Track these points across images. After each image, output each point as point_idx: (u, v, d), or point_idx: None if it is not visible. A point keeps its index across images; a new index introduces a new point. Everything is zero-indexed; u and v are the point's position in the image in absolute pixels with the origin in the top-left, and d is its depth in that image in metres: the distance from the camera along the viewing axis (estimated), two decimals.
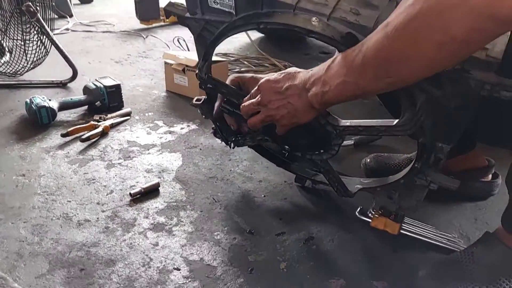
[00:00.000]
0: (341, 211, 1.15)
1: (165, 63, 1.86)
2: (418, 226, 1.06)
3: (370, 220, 1.02)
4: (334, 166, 1.08)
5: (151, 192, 1.19)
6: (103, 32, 2.77)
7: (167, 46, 2.46)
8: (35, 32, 1.82)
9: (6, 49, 1.97)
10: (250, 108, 0.91)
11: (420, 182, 0.91)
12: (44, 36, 1.81)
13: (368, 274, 0.95)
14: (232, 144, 1.13)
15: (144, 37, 2.68)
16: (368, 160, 1.33)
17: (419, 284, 0.89)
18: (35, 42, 1.83)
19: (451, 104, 0.78)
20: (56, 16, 2.89)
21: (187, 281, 0.91)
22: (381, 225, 1.00)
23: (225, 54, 2.22)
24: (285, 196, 1.21)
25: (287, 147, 1.04)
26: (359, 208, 1.10)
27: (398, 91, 0.79)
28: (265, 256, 0.99)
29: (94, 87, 1.63)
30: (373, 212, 1.03)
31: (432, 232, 1.06)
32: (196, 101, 1.14)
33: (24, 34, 1.82)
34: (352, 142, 1.49)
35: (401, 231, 1.01)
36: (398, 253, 1.00)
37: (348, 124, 0.92)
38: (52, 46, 1.85)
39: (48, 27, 1.79)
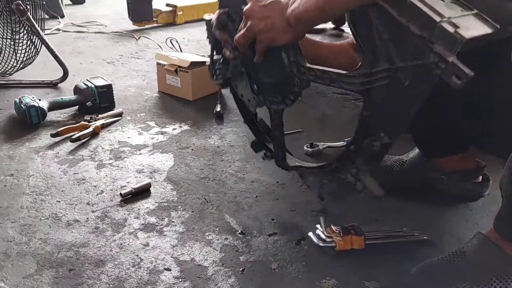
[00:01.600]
0: (334, 212, 1.14)
1: (158, 63, 1.85)
2: (378, 231, 1.05)
3: (332, 245, 1.00)
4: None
5: (142, 192, 1.17)
6: (95, 32, 2.75)
7: (160, 47, 2.45)
8: (25, 31, 1.80)
9: None
10: (241, 35, 0.90)
11: (347, 173, 0.87)
12: (34, 36, 1.79)
13: (359, 274, 0.95)
14: (217, 73, 1.07)
15: (137, 38, 2.67)
16: None
17: (410, 284, 0.89)
18: (25, 42, 1.82)
19: (406, 79, 0.72)
20: (47, 17, 2.87)
21: (178, 282, 0.90)
22: (347, 245, 1.00)
23: None
24: (277, 197, 1.21)
25: (255, 87, 1.02)
26: (313, 237, 1.04)
27: (364, 40, 0.76)
28: (256, 257, 0.99)
29: (85, 87, 1.62)
30: (327, 234, 1.02)
31: (393, 233, 1.06)
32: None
33: (14, 33, 1.80)
34: (345, 144, 1.49)
35: (366, 242, 1.01)
36: (389, 254, 1.00)
37: (313, 67, 0.88)
38: (43, 45, 1.84)
39: (38, 26, 1.77)
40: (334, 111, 1.75)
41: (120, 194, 1.15)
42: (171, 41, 2.27)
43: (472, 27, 0.67)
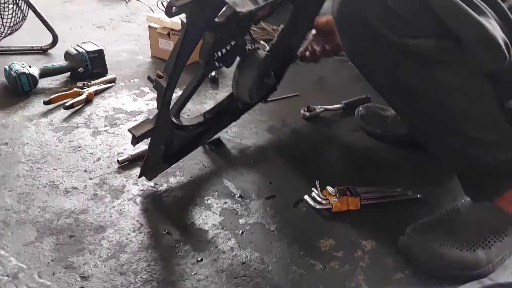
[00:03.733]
0: (330, 174, 1.15)
1: (150, 27, 1.80)
2: (373, 192, 1.06)
3: (328, 207, 1.01)
4: (323, 129, 1.08)
5: (139, 159, 1.17)
6: None
7: (151, 10, 2.37)
8: None
9: None
10: None
11: None
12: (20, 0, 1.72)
13: (356, 234, 0.97)
14: None
15: (127, 1, 2.58)
16: (361, 108, 1.36)
17: (405, 242, 0.90)
18: (11, 6, 1.75)
19: None
20: None
21: (179, 245, 0.91)
22: (343, 206, 1.02)
23: None
24: (274, 161, 1.21)
25: None
26: (309, 200, 1.05)
27: None
28: (255, 219, 1.00)
29: (75, 52, 1.58)
30: (323, 196, 1.03)
31: (388, 193, 1.07)
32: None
33: None
34: (342, 106, 1.48)
35: (362, 202, 1.02)
36: (384, 214, 1.02)
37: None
38: (30, 10, 1.78)
39: None
40: (330, 74, 1.73)
41: (118, 161, 1.15)
42: (162, 3, 2.19)
43: None
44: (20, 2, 1.75)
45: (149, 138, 0.98)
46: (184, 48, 0.88)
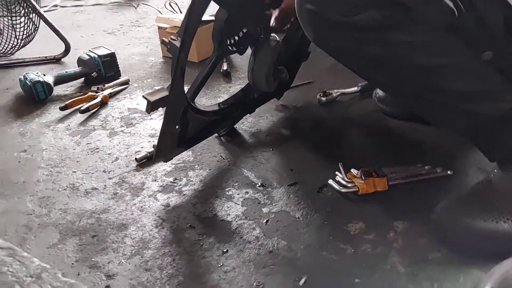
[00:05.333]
0: (352, 156, 1.11)
1: (159, 27, 1.79)
2: (400, 171, 1.02)
3: (354, 190, 0.97)
4: (341, 113, 1.04)
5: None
6: (93, 5, 2.68)
7: (160, 13, 2.37)
8: (21, 7, 1.75)
9: None
10: None
11: None
12: (31, 10, 1.74)
13: (386, 215, 0.92)
14: None
15: (135, 6, 2.59)
16: (378, 90, 1.32)
17: (438, 221, 0.86)
18: (22, 19, 1.77)
19: None
20: None
21: (203, 238, 0.89)
22: (370, 188, 0.97)
23: None
24: (293, 148, 1.17)
25: None
26: (334, 184, 1.01)
27: None
28: (279, 207, 0.97)
29: (88, 57, 1.58)
30: (348, 179, 0.99)
31: (416, 171, 1.02)
32: None
33: (10, 10, 1.75)
34: (359, 89, 1.43)
35: (389, 183, 0.98)
36: (414, 193, 0.97)
37: None
38: (41, 21, 1.79)
39: (34, 1, 1.72)
40: None
41: (136, 159, 1.13)
42: (170, 4, 2.19)
43: None
44: (32, 14, 1.76)
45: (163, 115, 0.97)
46: (195, 7, 0.88)
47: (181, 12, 2.14)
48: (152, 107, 0.93)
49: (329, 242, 0.87)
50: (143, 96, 0.93)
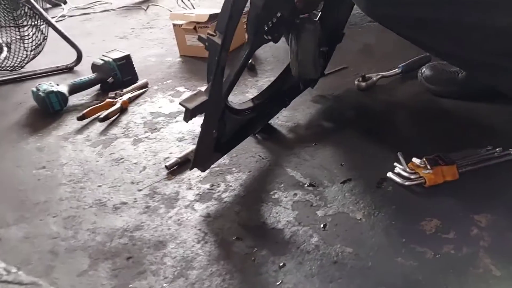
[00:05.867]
0: (408, 145, 0.97)
1: (174, 25, 1.68)
2: (469, 157, 0.89)
3: (421, 181, 0.85)
4: (385, 98, 0.91)
5: (189, 161, 1.03)
6: (101, 12, 2.59)
7: (171, 12, 2.27)
8: (28, 17, 1.66)
9: (3, 45, 1.82)
10: None
11: None
12: (38, 18, 1.64)
13: (463, 208, 0.79)
14: None
15: (145, 8, 2.49)
16: (424, 69, 1.22)
17: None
18: (30, 29, 1.68)
19: None
20: (49, 6, 2.74)
21: (254, 251, 0.77)
22: (439, 178, 0.85)
23: None
24: (338, 140, 1.05)
25: None
26: (394, 177, 0.89)
27: None
28: (335, 209, 0.84)
29: (102, 62, 1.47)
30: (410, 170, 0.87)
31: (487, 155, 0.89)
32: None
33: (17, 22, 1.66)
34: (400, 70, 1.30)
35: (459, 171, 0.85)
36: (490, 180, 0.83)
37: None
38: (50, 31, 1.70)
39: (40, 7, 1.62)
40: (374, 41, 1.55)
41: (165, 166, 1.02)
42: (182, 0, 2.08)
43: None
44: (40, 23, 1.67)
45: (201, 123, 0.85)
46: None
47: (194, 8, 2.03)
48: (191, 114, 0.81)
49: (403, 246, 0.74)
50: (180, 104, 0.81)
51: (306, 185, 0.91)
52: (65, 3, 2.80)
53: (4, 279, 0.67)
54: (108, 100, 1.36)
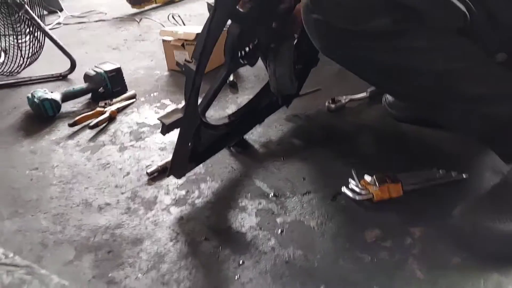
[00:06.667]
0: (365, 163, 1.10)
1: (163, 41, 1.80)
2: (414, 177, 1.01)
3: (369, 197, 0.97)
4: (351, 119, 1.02)
5: (168, 169, 1.15)
6: (96, 21, 2.71)
7: (163, 26, 2.39)
8: (25, 26, 1.77)
9: (1, 50, 1.93)
10: None
11: None
12: (36, 29, 1.75)
13: (403, 221, 0.91)
14: None
15: (138, 21, 2.61)
16: (387, 95, 1.32)
17: (456, 223, 0.85)
18: (27, 38, 1.79)
19: None
20: (46, 12, 2.84)
21: (218, 250, 0.88)
22: (385, 194, 0.96)
23: None
24: (304, 156, 1.17)
25: None
26: (348, 191, 1.00)
27: None
28: (293, 217, 0.96)
29: (94, 73, 1.59)
30: (361, 187, 0.99)
31: (431, 176, 1.01)
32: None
33: (15, 30, 1.77)
34: (368, 95, 1.43)
35: (404, 189, 0.97)
36: (429, 198, 0.96)
37: None
38: (46, 39, 1.81)
39: (38, 18, 1.73)
40: None
41: (147, 173, 1.13)
42: (173, 17, 2.21)
43: None
44: (37, 32, 1.78)
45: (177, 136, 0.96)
46: (212, 30, 0.87)
47: (184, 24, 2.16)
48: (167, 129, 0.92)
49: (346, 251, 0.86)
50: (158, 119, 0.93)
51: (270, 195, 1.03)
52: (61, 10, 2.91)
53: (3, 262, 0.78)
54: (98, 109, 1.47)
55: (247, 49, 1.06)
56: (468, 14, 0.70)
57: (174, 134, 0.95)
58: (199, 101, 1.06)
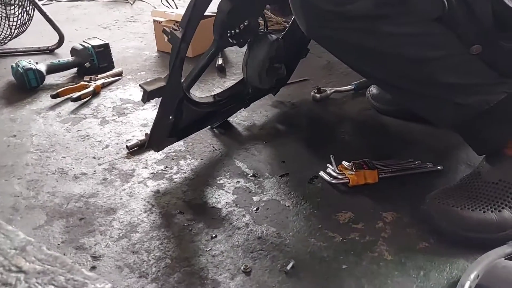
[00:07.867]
0: (344, 151, 1.11)
1: (154, 21, 1.79)
2: (391, 165, 1.03)
3: (346, 181, 0.98)
4: (335, 109, 1.02)
5: None
6: (89, 0, 2.68)
7: (155, 8, 2.37)
8: None
9: None
10: None
11: None
12: (25, 0, 1.73)
13: (375, 206, 0.93)
14: None
15: (131, 2, 2.59)
16: (372, 87, 1.34)
17: (426, 210, 0.86)
18: (16, 8, 1.76)
19: None
20: None
21: (192, 223, 0.88)
22: (361, 180, 0.98)
23: None
24: (286, 141, 1.18)
25: None
26: (325, 175, 1.01)
27: None
28: (270, 196, 0.96)
29: (81, 47, 1.57)
30: (339, 171, 1.00)
31: (406, 165, 1.03)
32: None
33: (3, 0, 1.74)
34: (353, 87, 1.44)
35: (380, 176, 0.98)
36: (404, 186, 0.98)
37: None
38: (35, 12, 1.78)
39: None
40: (337, 59, 1.69)
41: (126, 146, 1.12)
42: (166, 0, 2.19)
43: None
44: (26, 3, 1.75)
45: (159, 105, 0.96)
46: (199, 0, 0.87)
47: (177, 8, 2.15)
48: (148, 96, 0.92)
49: (318, 230, 0.87)
50: (139, 85, 0.93)
51: (249, 175, 1.04)
52: None
53: None
54: (82, 82, 1.46)
55: (237, 30, 1.06)
56: (447, 4, 0.71)
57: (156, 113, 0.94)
58: (185, 78, 1.07)
